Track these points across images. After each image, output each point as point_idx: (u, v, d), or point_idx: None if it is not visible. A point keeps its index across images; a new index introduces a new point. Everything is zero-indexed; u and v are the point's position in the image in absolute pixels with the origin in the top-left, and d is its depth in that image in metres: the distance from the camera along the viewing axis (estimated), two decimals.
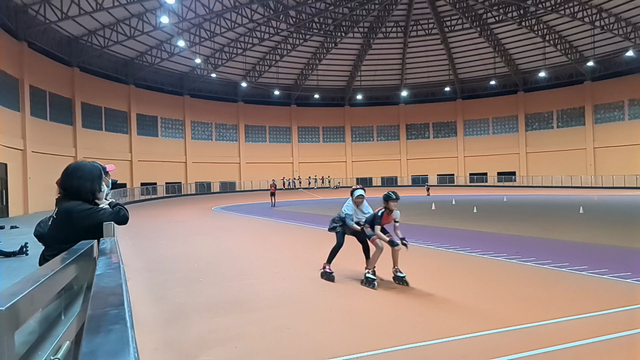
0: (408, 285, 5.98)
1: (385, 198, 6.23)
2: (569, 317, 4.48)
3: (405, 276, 6.11)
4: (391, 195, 6.20)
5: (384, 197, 6.25)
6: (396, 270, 6.21)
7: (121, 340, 0.80)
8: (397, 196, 6.26)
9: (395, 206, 6.20)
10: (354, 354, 3.66)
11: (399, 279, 6.14)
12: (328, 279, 6.48)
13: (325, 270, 6.59)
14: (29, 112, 25.93)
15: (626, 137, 40.80)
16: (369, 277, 6.08)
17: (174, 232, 14.28)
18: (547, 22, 39.16)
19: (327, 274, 6.55)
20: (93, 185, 2.55)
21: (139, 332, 4.15)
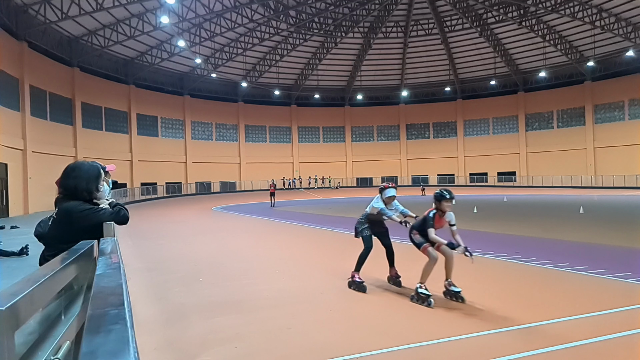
0: (464, 301, 5.07)
1: (438, 197, 5.40)
2: (569, 317, 4.48)
3: (461, 291, 5.21)
4: (444, 195, 5.35)
5: (435, 197, 5.42)
6: (449, 283, 5.35)
7: (121, 340, 0.80)
8: (452, 195, 5.40)
9: (450, 207, 5.40)
10: (354, 354, 3.66)
11: (453, 294, 5.25)
12: (358, 289, 5.79)
13: (355, 279, 5.90)
14: (29, 112, 25.93)
15: (626, 137, 40.79)
16: (423, 293, 5.13)
17: (174, 232, 14.28)
18: (547, 22, 39.15)
19: (357, 284, 5.85)
20: (89, 185, 2.55)
21: (139, 332, 4.15)
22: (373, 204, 6.01)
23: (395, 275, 6.04)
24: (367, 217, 6.21)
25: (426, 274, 5.26)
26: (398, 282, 6.00)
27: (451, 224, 5.46)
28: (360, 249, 6.09)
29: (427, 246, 5.37)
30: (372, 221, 6.14)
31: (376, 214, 6.00)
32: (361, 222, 6.22)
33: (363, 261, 5.98)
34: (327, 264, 8.02)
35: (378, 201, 5.97)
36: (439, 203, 5.40)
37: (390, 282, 6.09)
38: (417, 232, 5.55)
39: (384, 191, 6.00)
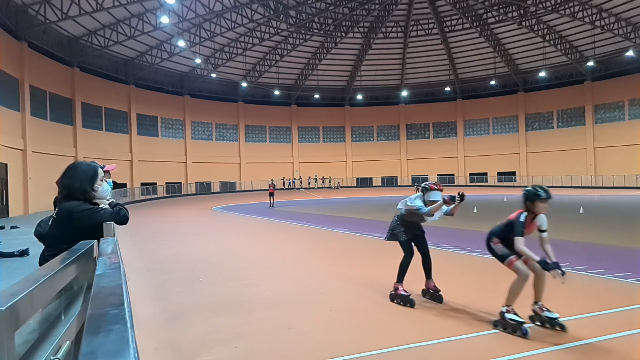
0: (565, 330, 4.07)
1: (531, 197, 4.31)
2: (568, 317, 4.48)
3: (559, 317, 4.21)
4: (539, 193, 4.27)
5: (528, 196, 4.34)
6: (540, 307, 4.33)
7: (121, 340, 0.80)
8: (549, 194, 4.30)
9: (545, 209, 4.31)
10: (354, 354, 3.66)
11: (547, 321, 4.24)
12: (405, 302, 5.06)
13: (399, 292, 5.17)
14: (29, 112, 25.94)
15: (626, 137, 40.79)
16: (513, 320, 4.09)
17: (174, 232, 14.28)
18: (547, 22, 39.15)
19: (403, 297, 5.11)
20: (83, 185, 2.55)
21: (139, 332, 4.15)
22: (409, 202, 5.29)
23: (434, 289, 5.25)
24: (403, 218, 5.43)
25: (514, 295, 4.29)
26: (438, 297, 5.19)
27: (542, 229, 4.37)
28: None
29: (515, 260, 4.32)
30: (408, 223, 5.41)
31: (413, 214, 5.29)
32: (397, 224, 5.44)
33: (405, 270, 5.26)
34: (327, 264, 8.02)
35: (416, 200, 5.22)
36: (531, 204, 4.31)
37: (427, 296, 5.31)
38: (498, 241, 4.47)
39: (429, 192, 5.18)
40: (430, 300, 5.23)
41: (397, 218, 5.49)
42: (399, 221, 5.44)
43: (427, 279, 5.34)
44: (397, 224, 5.44)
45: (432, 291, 5.27)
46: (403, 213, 5.42)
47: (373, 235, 11.89)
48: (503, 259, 4.45)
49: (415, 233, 5.42)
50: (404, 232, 5.35)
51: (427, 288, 5.36)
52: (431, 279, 5.32)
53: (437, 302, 5.16)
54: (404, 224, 5.40)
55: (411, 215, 5.35)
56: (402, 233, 5.35)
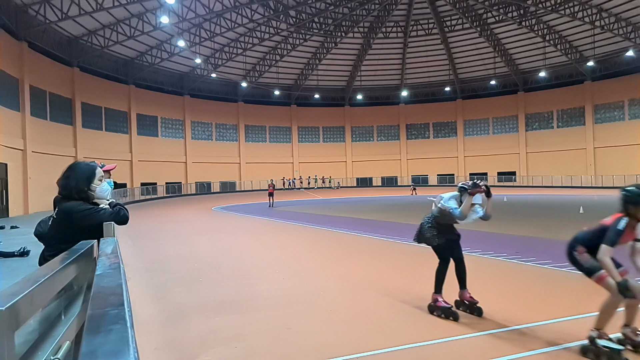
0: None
1: (634, 198, 3.51)
2: (569, 317, 4.48)
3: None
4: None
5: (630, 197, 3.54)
6: (633, 330, 3.68)
7: (121, 340, 0.80)
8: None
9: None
10: (354, 354, 3.66)
11: None
12: (447, 315, 4.53)
13: (440, 304, 4.64)
14: (29, 112, 25.93)
15: (626, 137, 40.78)
16: (608, 347, 3.46)
17: (174, 232, 14.29)
18: (547, 22, 39.14)
19: (444, 310, 4.58)
20: (79, 184, 2.56)
21: (139, 332, 4.15)
22: (442, 202, 4.81)
23: (471, 300, 4.71)
24: (436, 219, 4.93)
25: (606, 318, 3.60)
26: (477, 308, 4.63)
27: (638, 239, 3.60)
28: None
29: (606, 275, 3.60)
30: (441, 225, 4.92)
31: (447, 216, 4.79)
32: (429, 226, 4.92)
33: (443, 279, 4.76)
34: (327, 264, 8.02)
35: (450, 200, 4.75)
36: (635, 207, 3.50)
37: (462, 308, 4.75)
38: (584, 250, 3.77)
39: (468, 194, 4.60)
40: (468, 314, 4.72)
41: (429, 219, 4.98)
42: (431, 223, 4.92)
43: (461, 289, 4.82)
44: (429, 227, 4.92)
45: (468, 302, 4.73)
46: (435, 214, 4.94)
47: (373, 235, 11.89)
48: (590, 273, 3.70)
49: (449, 237, 4.91)
50: (437, 235, 4.83)
51: (461, 299, 4.81)
52: (466, 288, 4.80)
53: (476, 315, 4.58)
54: (436, 227, 4.87)
55: (444, 216, 4.84)
56: (435, 237, 4.83)
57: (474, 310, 4.65)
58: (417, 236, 5.10)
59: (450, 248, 4.88)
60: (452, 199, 4.75)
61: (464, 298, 4.78)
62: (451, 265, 4.86)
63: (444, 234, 4.87)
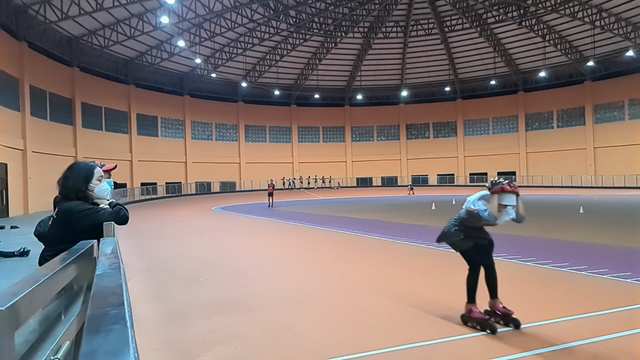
0: None
1: None
2: (569, 317, 4.48)
3: None
4: None
5: None
6: None
7: (121, 340, 0.80)
8: None
9: None
10: (354, 354, 3.66)
11: None
12: (485, 328, 4.14)
13: (475, 315, 4.27)
14: (29, 112, 25.93)
15: (626, 137, 40.78)
16: None
17: (174, 232, 14.28)
18: (547, 22, 39.15)
19: (480, 322, 4.20)
20: (76, 184, 2.57)
21: (139, 332, 4.15)
22: (471, 203, 4.44)
23: (505, 311, 4.29)
24: (463, 221, 4.54)
25: None
26: (513, 320, 4.21)
27: None
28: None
29: None
30: (470, 228, 4.53)
31: (475, 218, 4.41)
32: (456, 229, 4.54)
33: (475, 287, 4.39)
34: (327, 264, 8.02)
35: (479, 201, 4.41)
36: None
37: (494, 319, 4.33)
38: None
39: (502, 196, 4.20)
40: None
41: (455, 221, 4.59)
42: (458, 225, 4.53)
43: (491, 299, 4.39)
44: (455, 230, 4.52)
45: (503, 313, 4.30)
46: (463, 216, 4.54)
47: (373, 235, 11.89)
48: None
49: (479, 242, 4.50)
50: (464, 239, 4.45)
51: (492, 309, 4.38)
52: (497, 298, 4.37)
53: (513, 326, 4.17)
54: (463, 230, 4.49)
55: (472, 218, 4.44)
56: (462, 241, 4.45)
57: (509, 321, 4.23)
58: (440, 237, 4.75)
59: (479, 253, 4.47)
60: (480, 200, 4.39)
61: (496, 309, 4.35)
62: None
63: (473, 238, 4.47)
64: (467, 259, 4.48)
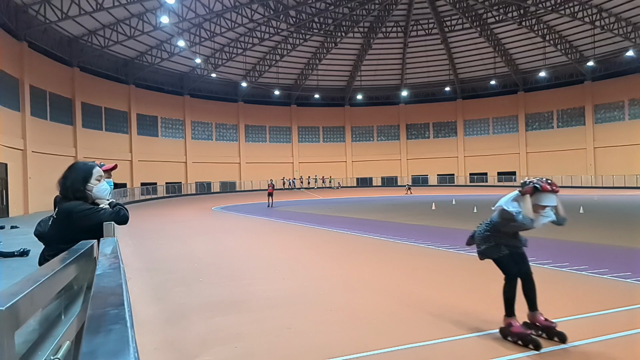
0: None
1: None
2: (569, 317, 4.48)
3: None
4: None
5: None
6: None
7: (121, 340, 0.80)
8: None
9: None
10: (354, 354, 3.66)
11: None
12: (527, 343, 3.71)
13: (515, 329, 3.85)
14: (29, 112, 25.94)
15: (626, 137, 40.79)
16: None
17: (174, 232, 14.28)
18: (547, 22, 39.16)
19: (522, 337, 3.78)
20: (74, 184, 2.57)
21: (139, 332, 4.15)
22: (505, 205, 4.01)
23: (548, 324, 3.89)
24: (495, 226, 4.11)
25: None
26: (557, 333, 3.80)
27: None
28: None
29: None
30: (503, 234, 4.10)
31: (509, 222, 3.99)
32: (488, 235, 4.12)
33: (513, 299, 3.98)
34: (327, 264, 8.02)
35: (512, 203, 3.97)
36: None
37: (538, 332, 3.91)
38: None
39: (541, 195, 3.81)
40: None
41: (487, 226, 4.17)
42: (490, 231, 4.11)
43: (531, 311, 3.99)
44: (487, 235, 4.10)
45: (544, 326, 3.91)
46: (495, 220, 4.12)
47: (373, 235, 11.89)
48: None
49: (513, 249, 4.09)
50: (496, 246, 4.04)
51: (532, 322, 3.98)
52: (537, 310, 3.97)
53: (558, 340, 3.78)
54: (495, 235, 4.06)
55: (506, 222, 4.02)
56: (494, 248, 4.04)
57: (553, 334, 3.83)
58: (469, 241, 4.38)
59: (515, 261, 4.05)
60: (514, 201, 3.97)
61: (537, 321, 3.95)
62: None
63: (507, 245, 4.04)
64: (502, 268, 4.06)
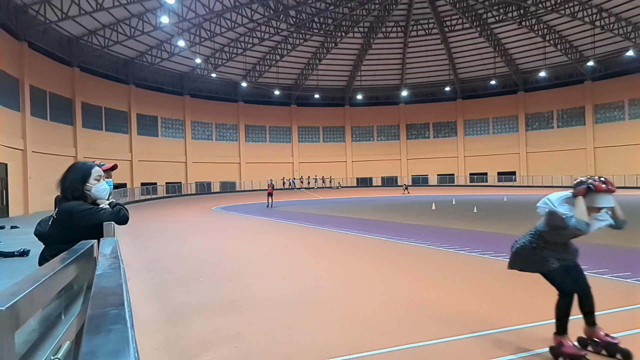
0: None
1: None
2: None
3: None
4: None
5: None
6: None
7: (121, 340, 0.80)
8: None
9: None
10: (354, 354, 3.66)
11: None
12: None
13: (568, 350, 3.43)
14: (29, 112, 25.94)
15: (626, 137, 40.79)
16: None
17: (174, 232, 14.29)
18: (547, 22, 39.16)
19: (575, 357, 3.39)
20: (73, 184, 2.58)
21: (139, 332, 4.15)
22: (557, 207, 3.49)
23: (609, 339, 3.51)
24: (542, 235, 3.65)
25: None
26: (621, 350, 3.42)
27: None
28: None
29: None
30: (552, 244, 3.62)
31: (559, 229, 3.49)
32: (534, 247, 3.65)
33: (566, 315, 3.51)
34: (327, 264, 8.02)
35: (562, 206, 3.47)
36: None
37: (592, 347, 3.59)
38: None
39: (596, 196, 3.34)
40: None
41: (532, 236, 3.72)
42: (536, 242, 3.64)
43: (589, 327, 3.58)
44: (533, 248, 3.64)
45: (605, 342, 3.51)
46: (541, 229, 3.67)
47: (373, 235, 11.89)
48: None
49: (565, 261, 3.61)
50: (545, 259, 3.56)
51: (590, 338, 3.60)
52: (596, 325, 3.55)
53: (622, 357, 3.41)
54: (543, 247, 3.60)
55: (556, 229, 3.53)
56: (544, 261, 3.56)
57: (615, 351, 3.43)
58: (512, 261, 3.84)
59: (569, 274, 3.59)
60: (564, 203, 3.46)
61: (596, 337, 3.56)
62: None
63: (557, 257, 3.56)
64: (555, 284, 3.57)
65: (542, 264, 3.58)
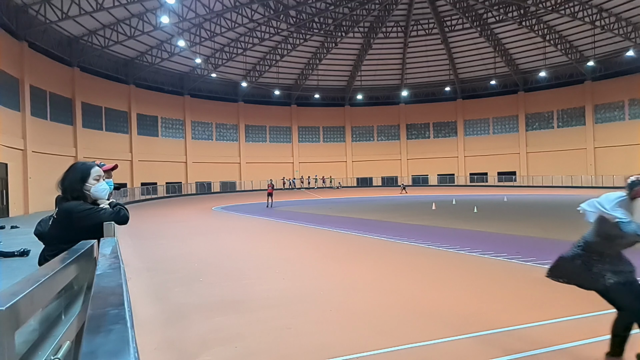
0: None
1: None
2: (569, 317, 4.48)
3: None
4: None
5: None
6: None
7: (121, 340, 0.81)
8: None
9: None
10: (354, 354, 3.66)
11: None
12: None
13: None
14: (29, 112, 25.93)
15: (626, 137, 40.78)
16: None
17: (174, 232, 14.29)
18: (548, 22, 39.15)
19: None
20: (72, 184, 2.59)
21: (139, 332, 4.15)
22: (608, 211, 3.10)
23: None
24: (591, 247, 3.23)
25: None
26: None
27: None
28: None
29: None
30: (603, 255, 3.18)
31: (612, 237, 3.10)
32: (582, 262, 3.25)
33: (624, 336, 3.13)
34: (327, 264, 8.02)
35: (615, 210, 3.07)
36: None
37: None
38: None
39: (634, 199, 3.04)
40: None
41: (579, 247, 3.28)
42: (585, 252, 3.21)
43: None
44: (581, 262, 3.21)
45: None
46: (590, 240, 3.23)
47: (373, 235, 11.89)
48: None
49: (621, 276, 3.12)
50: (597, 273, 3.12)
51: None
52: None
53: None
54: (595, 259, 3.16)
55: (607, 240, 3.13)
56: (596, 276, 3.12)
57: None
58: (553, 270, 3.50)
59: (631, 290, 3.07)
60: (618, 207, 3.04)
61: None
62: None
63: (612, 270, 3.09)
64: (615, 303, 3.13)
65: (596, 280, 3.11)
